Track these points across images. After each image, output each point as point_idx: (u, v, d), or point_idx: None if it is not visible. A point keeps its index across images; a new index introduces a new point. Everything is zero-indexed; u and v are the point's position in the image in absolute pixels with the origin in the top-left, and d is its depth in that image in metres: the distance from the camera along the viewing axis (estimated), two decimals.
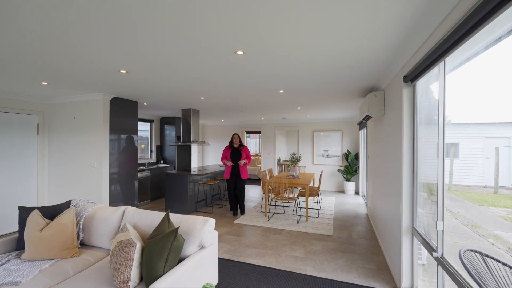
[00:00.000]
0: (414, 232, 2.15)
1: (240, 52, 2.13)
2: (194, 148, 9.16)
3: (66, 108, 4.23)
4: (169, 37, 1.85)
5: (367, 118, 3.67)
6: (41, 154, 4.33)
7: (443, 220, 1.61)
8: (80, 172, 4.09)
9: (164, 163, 7.10)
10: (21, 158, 4.08)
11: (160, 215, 2.17)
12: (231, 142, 4.78)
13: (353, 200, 6.22)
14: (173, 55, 2.23)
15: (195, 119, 5.63)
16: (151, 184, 6.07)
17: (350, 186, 6.96)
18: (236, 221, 4.52)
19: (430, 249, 1.71)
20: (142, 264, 1.70)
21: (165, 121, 7.16)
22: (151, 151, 7.04)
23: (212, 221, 2.00)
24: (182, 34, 1.81)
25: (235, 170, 4.74)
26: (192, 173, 5.15)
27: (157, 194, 6.30)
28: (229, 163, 4.63)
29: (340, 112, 6.15)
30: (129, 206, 2.40)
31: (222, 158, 4.75)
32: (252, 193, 7.25)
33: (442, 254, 1.61)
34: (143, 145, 7.25)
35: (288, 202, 5.33)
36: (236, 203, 4.90)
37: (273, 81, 3.11)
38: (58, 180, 4.31)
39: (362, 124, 5.90)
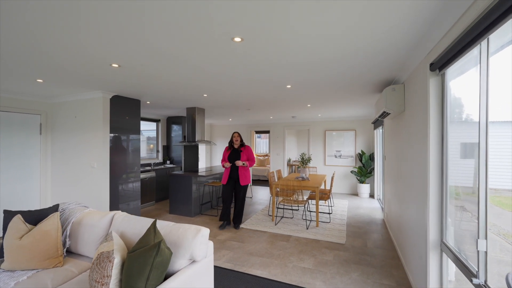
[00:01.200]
0: (444, 247, 1.82)
1: (237, 39, 1.87)
2: (202, 148, 9.01)
3: (68, 107, 4.14)
4: (157, 23, 1.62)
5: (384, 115, 3.32)
6: (44, 154, 4.26)
7: (486, 239, 1.29)
8: (81, 173, 3.98)
9: (170, 163, 6.97)
10: (24, 158, 4.02)
11: (151, 222, 1.94)
12: (230, 142, 4.21)
13: (368, 204, 5.82)
14: (164, 45, 2.00)
15: (200, 118, 5.43)
16: (156, 185, 5.94)
17: (365, 188, 6.54)
18: (241, 225, 4.27)
19: (468, 274, 1.38)
20: (122, 281, 1.48)
21: (172, 121, 7.03)
22: (158, 151, 6.92)
23: (205, 231, 1.76)
24: (170, 18, 1.57)
25: (234, 174, 4.09)
26: (196, 174, 4.95)
27: (162, 195, 6.16)
28: (227, 165, 4.06)
29: (353, 110, 5.77)
30: (119, 211, 2.20)
31: (222, 161, 4.24)
32: (261, 194, 6.98)
33: (485, 281, 1.29)
34: (152, 145, 7.16)
35: (298, 206, 5.03)
36: (228, 212, 4.14)
37: (279, 74, 2.83)
38: (61, 180, 4.22)
39: (377, 123, 5.50)
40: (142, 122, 6.81)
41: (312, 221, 4.51)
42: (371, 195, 6.68)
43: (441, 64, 1.76)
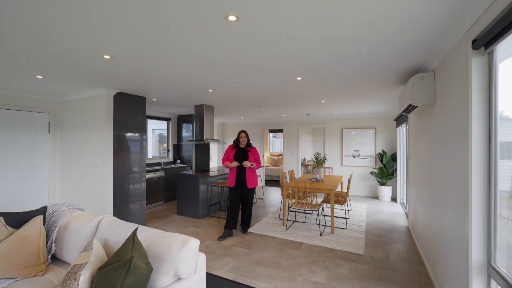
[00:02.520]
0: (492, 272, 1.43)
1: (232, 18, 1.59)
2: (214, 148, 8.85)
3: (74, 106, 4.08)
4: (141, 6, 1.39)
5: (409, 109, 2.90)
6: (52, 153, 4.25)
7: None
8: (86, 172, 3.90)
9: (181, 162, 6.86)
10: (32, 157, 4.01)
11: (140, 229, 1.72)
12: (236, 141, 3.83)
13: (390, 208, 5.33)
14: (152, 30, 1.77)
15: (209, 116, 5.23)
16: (165, 185, 5.83)
17: (386, 191, 6.03)
18: (250, 230, 4.00)
19: None
20: None
21: (182, 119, 6.91)
22: (168, 150, 6.84)
23: (193, 244, 1.50)
24: None
25: (240, 176, 3.74)
26: (204, 174, 4.75)
27: (172, 195, 6.04)
28: (234, 164, 3.66)
29: (373, 106, 5.30)
30: (107, 215, 2.01)
31: (224, 160, 3.81)
32: (274, 196, 6.68)
33: None
34: (165, 145, 7.10)
35: (312, 210, 4.67)
36: (235, 220, 3.77)
37: (286, 63, 2.52)
38: (69, 180, 4.18)
39: (400, 119, 5.00)
40: (152, 121, 6.75)
41: (327, 226, 4.14)
42: (393, 199, 6.15)
43: (489, 39, 1.37)
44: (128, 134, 4.00)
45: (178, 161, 6.84)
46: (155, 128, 8.77)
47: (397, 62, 2.50)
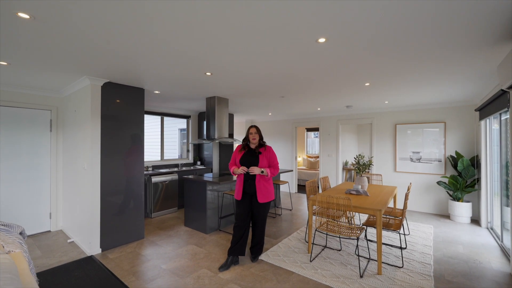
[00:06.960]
0: None
1: None
2: None
3: (72, 101, 3.69)
4: None
5: None
6: (54, 153, 3.95)
7: None
8: (77, 176, 3.45)
9: (201, 164, 6.24)
10: (34, 157, 3.75)
11: None
12: (245, 140, 2.93)
13: (470, 236, 3.72)
14: None
15: (222, 110, 4.41)
16: (179, 190, 5.22)
17: (462, 209, 4.36)
18: (261, 256, 3.02)
19: None
20: None
21: (203, 117, 6.28)
22: (188, 150, 6.29)
23: None
24: None
25: (249, 186, 2.82)
26: (215, 179, 3.94)
27: None
28: (239, 170, 2.78)
29: (442, 90, 3.77)
30: (7, 254, 1.29)
31: (231, 165, 2.94)
32: (306, 207, 5.55)
33: None
34: (186, 145, 6.61)
35: (350, 235, 3.47)
36: (243, 243, 2.85)
37: (296, 10, 1.50)
38: (69, 183, 3.83)
39: (489, 107, 3.40)
40: (170, 119, 6.27)
41: (372, 260, 2.90)
42: (474, 220, 4.43)
43: None
44: (121, 133, 3.42)
45: (198, 162, 6.23)
46: (182, 128, 8.41)
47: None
